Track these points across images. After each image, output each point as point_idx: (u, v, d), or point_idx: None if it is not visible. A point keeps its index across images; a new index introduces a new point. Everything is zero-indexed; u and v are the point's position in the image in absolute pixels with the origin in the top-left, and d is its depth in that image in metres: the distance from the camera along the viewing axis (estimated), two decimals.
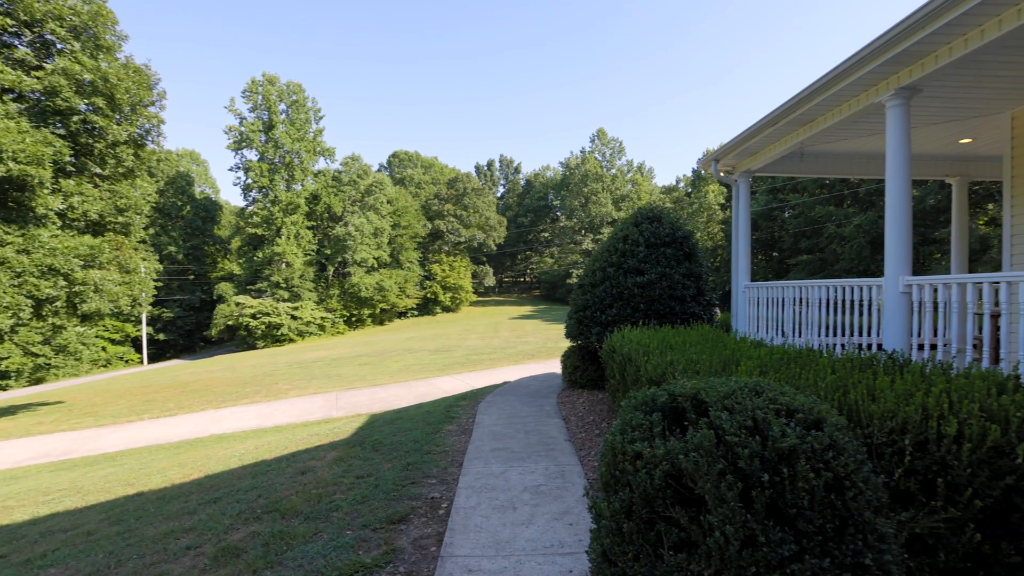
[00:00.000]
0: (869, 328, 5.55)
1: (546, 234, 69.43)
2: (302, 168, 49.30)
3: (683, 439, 1.85)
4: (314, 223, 50.80)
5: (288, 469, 6.02)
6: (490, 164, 79.87)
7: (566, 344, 16.66)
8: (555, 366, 14.38)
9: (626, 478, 1.92)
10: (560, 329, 27.72)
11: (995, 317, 4.65)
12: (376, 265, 51.61)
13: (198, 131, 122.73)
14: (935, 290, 4.72)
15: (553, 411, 7.49)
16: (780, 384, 2.57)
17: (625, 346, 5.80)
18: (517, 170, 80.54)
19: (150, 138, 18.58)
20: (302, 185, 49.73)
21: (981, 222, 27.74)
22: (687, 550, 1.77)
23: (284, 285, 46.04)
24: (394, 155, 70.69)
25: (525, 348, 24.13)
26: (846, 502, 1.68)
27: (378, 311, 51.78)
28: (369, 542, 3.67)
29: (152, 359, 47.81)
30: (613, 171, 63.09)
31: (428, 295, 56.60)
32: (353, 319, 50.58)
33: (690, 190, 58.70)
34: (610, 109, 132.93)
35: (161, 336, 49.90)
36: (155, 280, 24.53)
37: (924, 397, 2.51)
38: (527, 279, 76.34)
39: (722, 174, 8.64)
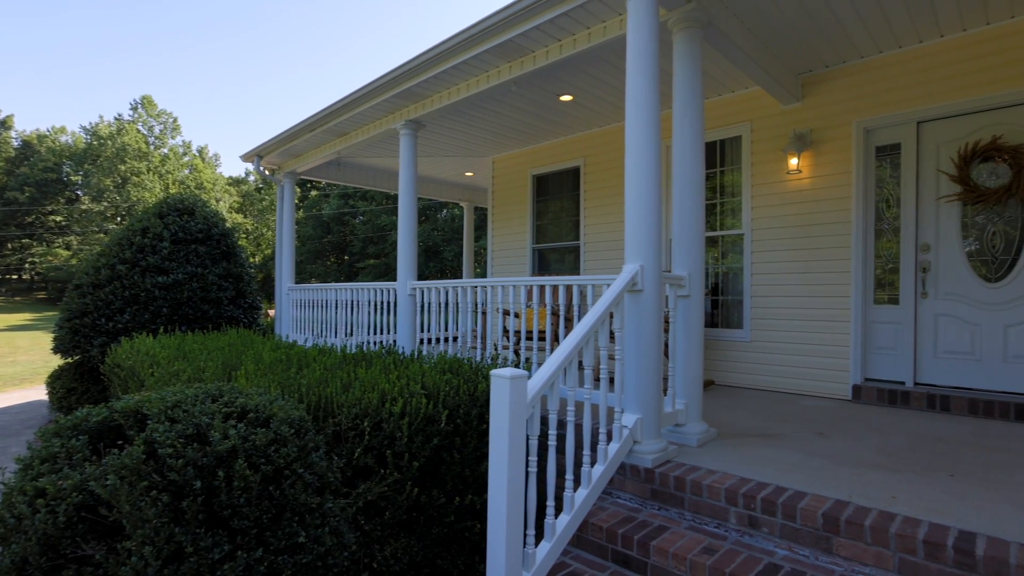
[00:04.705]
0: (391, 326, 6.37)
1: (59, 218, 52.74)
2: None
3: (100, 463, 1.61)
4: None
5: None
6: None
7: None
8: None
9: (23, 525, 1.53)
10: None
11: (485, 314, 5.83)
12: None
13: None
14: (439, 292, 5.76)
15: (22, 453, 5.64)
16: (259, 386, 2.62)
17: (131, 358, 4.90)
18: (7, 125, 58.17)
19: None
20: None
21: None
22: None
23: None
24: None
25: (10, 371, 17.65)
26: (284, 490, 1.81)
27: None
28: None
29: None
30: (165, 150, 53.55)
31: None
32: None
33: (262, 185, 55.62)
34: (169, 80, 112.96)
35: None
36: None
37: (385, 383, 3.02)
38: (26, 277, 56.03)
39: (266, 172, 8.47)
